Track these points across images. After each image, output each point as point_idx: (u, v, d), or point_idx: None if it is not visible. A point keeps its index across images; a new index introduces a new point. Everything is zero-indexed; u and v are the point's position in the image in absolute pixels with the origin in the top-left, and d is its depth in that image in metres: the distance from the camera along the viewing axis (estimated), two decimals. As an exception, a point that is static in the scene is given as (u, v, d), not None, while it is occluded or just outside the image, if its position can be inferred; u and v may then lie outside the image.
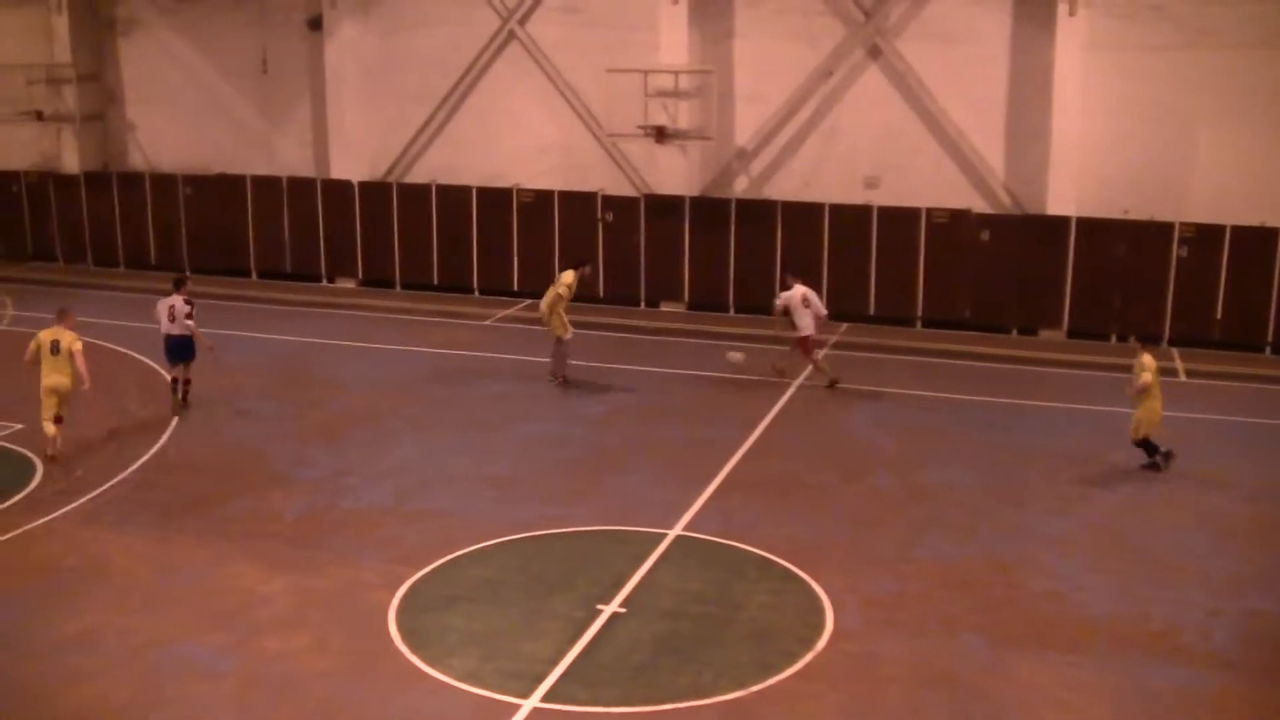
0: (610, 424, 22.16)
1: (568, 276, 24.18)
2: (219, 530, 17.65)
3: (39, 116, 34.79)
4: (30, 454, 20.56)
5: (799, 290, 23.83)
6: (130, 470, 19.95)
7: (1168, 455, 19.94)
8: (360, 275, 32.55)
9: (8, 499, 18.72)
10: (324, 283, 32.80)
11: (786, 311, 23.86)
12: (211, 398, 23.36)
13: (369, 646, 14.33)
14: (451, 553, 16.66)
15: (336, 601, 15.46)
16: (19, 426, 21.75)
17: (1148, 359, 19.78)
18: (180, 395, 22.88)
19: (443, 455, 20.48)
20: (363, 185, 32.27)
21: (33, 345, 20.36)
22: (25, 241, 35.98)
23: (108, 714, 13.19)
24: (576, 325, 25.55)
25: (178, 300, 22.75)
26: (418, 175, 32.42)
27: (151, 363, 25.51)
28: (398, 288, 32.00)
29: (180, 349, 22.81)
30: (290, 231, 33.04)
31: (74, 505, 18.59)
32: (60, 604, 15.58)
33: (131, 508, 18.55)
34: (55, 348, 20.18)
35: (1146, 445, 19.97)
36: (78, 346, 20.17)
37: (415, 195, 31.72)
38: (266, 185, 33.18)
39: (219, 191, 33.67)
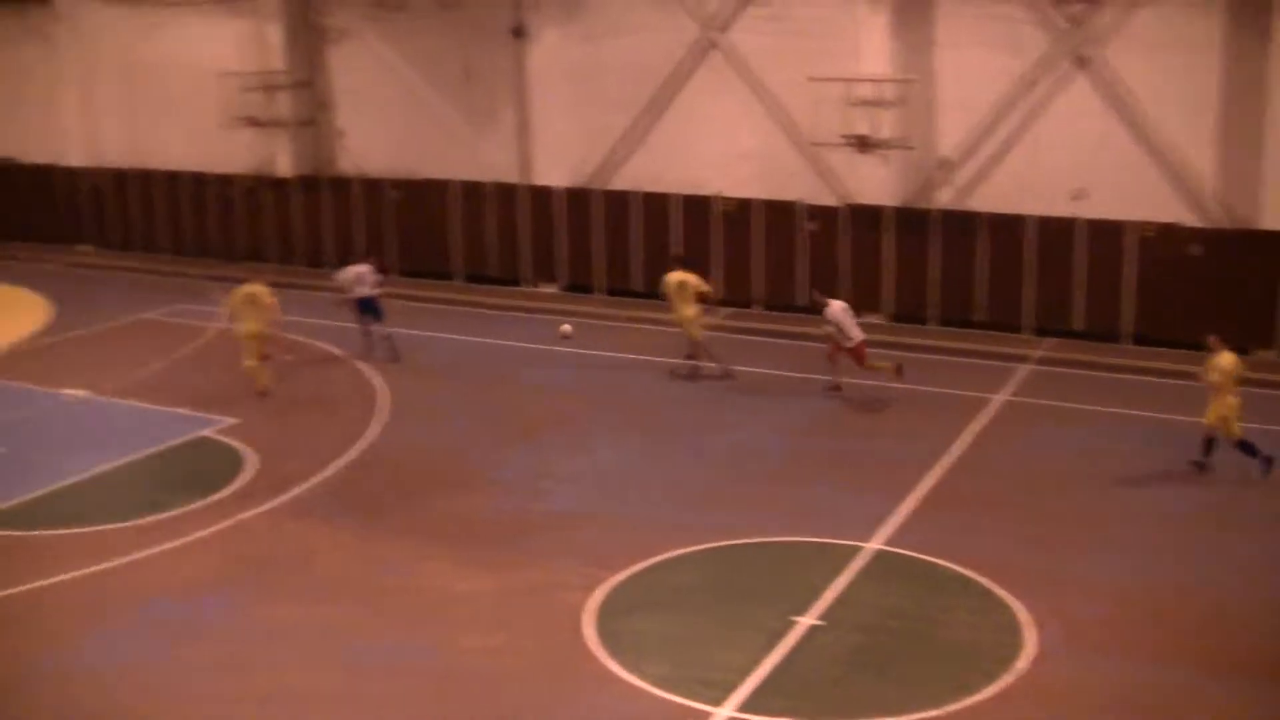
0: (809, 434, 22.00)
1: (691, 277, 25.03)
2: (421, 528, 18.03)
3: (255, 123, 35.89)
4: (244, 447, 21.24)
5: (837, 304, 23.94)
6: (338, 466, 20.49)
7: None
8: (563, 280, 32.88)
9: (221, 490, 19.39)
10: (527, 287, 33.20)
11: (839, 328, 23.74)
12: (414, 398, 23.84)
13: (564, 648, 14.49)
14: (648, 558, 16.74)
15: (533, 602, 15.66)
16: (233, 421, 22.48)
17: (1225, 358, 19.49)
18: (389, 348, 26.16)
19: (641, 461, 20.58)
20: (566, 191, 32.60)
21: (234, 298, 23.74)
22: (240, 243, 37.14)
23: (309, 699, 13.59)
24: (790, 337, 25.62)
25: (366, 268, 26.35)
26: (620, 182, 32.61)
27: (360, 363, 26.15)
28: (599, 293, 32.24)
29: (374, 308, 26.49)
30: (494, 236, 33.53)
31: (284, 498, 19.18)
32: (268, 592, 16.10)
33: (338, 503, 19.06)
34: (252, 299, 23.45)
35: (1243, 446, 19.52)
36: (270, 299, 23.77)
37: (617, 201, 31.94)
38: (471, 190, 33.71)
39: (425, 196, 34.31)
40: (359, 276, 26.54)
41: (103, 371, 25.29)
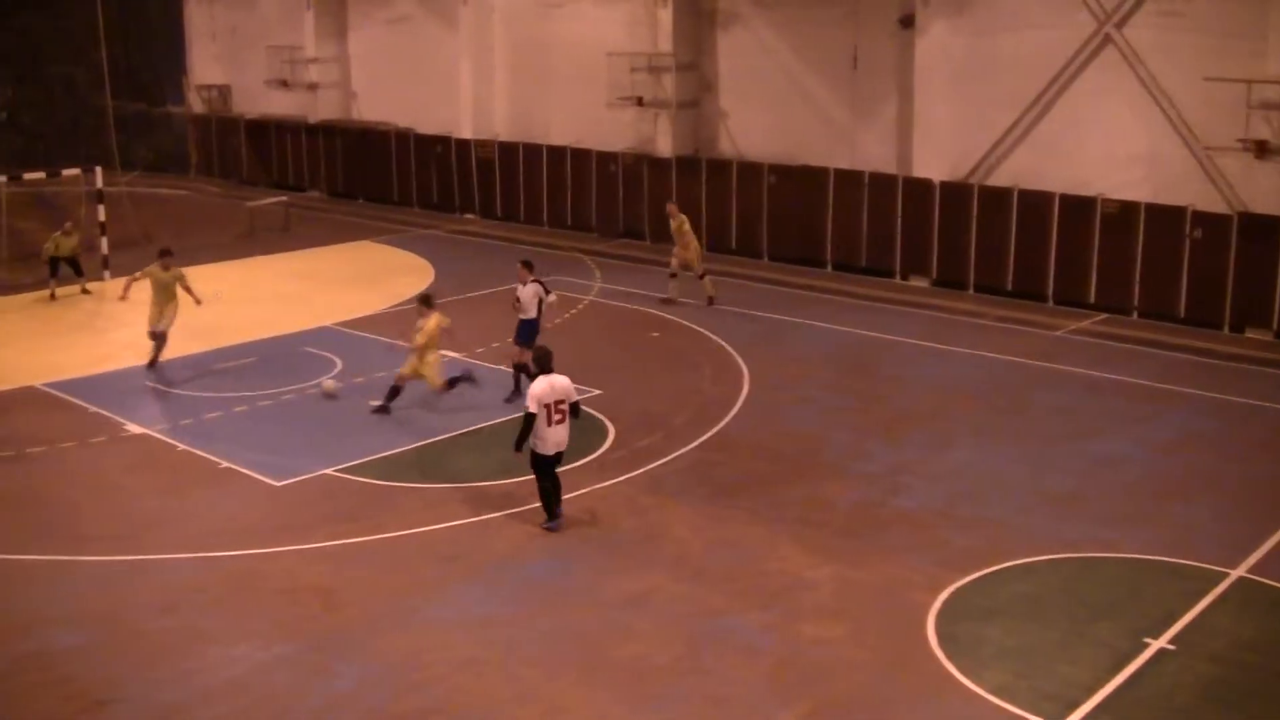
0: (1177, 450, 21.02)
1: None
2: (772, 513, 18.17)
3: (639, 102, 36.77)
4: (605, 419, 21.84)
5: None
6: (695, 444, 20.84)
7: None
8: (934, 274, 32.48)
9: (580, 459, 19.98)
10: (897, 279, 32.95)
11: None
12: (776, 383, 24.00)
13: (904, 646, 14.39)
14: (997, 563, 16.43)
15: (878, 597, 15.60)
16: (597, 392, 23.13)
17: None
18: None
19: (999, 464, 20.15)
20: (943, 185, 32.17)
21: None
22: (619, 219, 38.13)
23: (648, 672, 13.92)
24: (1167, 347, 25.27)
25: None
26: (999, 178, 31.94)
27: (726, 344, 26.50)
28: (970, 289, 31.70)
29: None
30: (868, 226, 33.39)
31: (639, 471, 19.65)
32: (618, 564, 16.55)
33: (692, 480, 19.39)
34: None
35: None
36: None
37: (995, 198, 31.29)
38: (848, 179, 33.64)
39: (801, 182, 34.44)
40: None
41: (476, 336, 26.42)
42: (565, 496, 17.97)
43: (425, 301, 22.80)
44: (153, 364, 24.83)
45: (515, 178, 40.66)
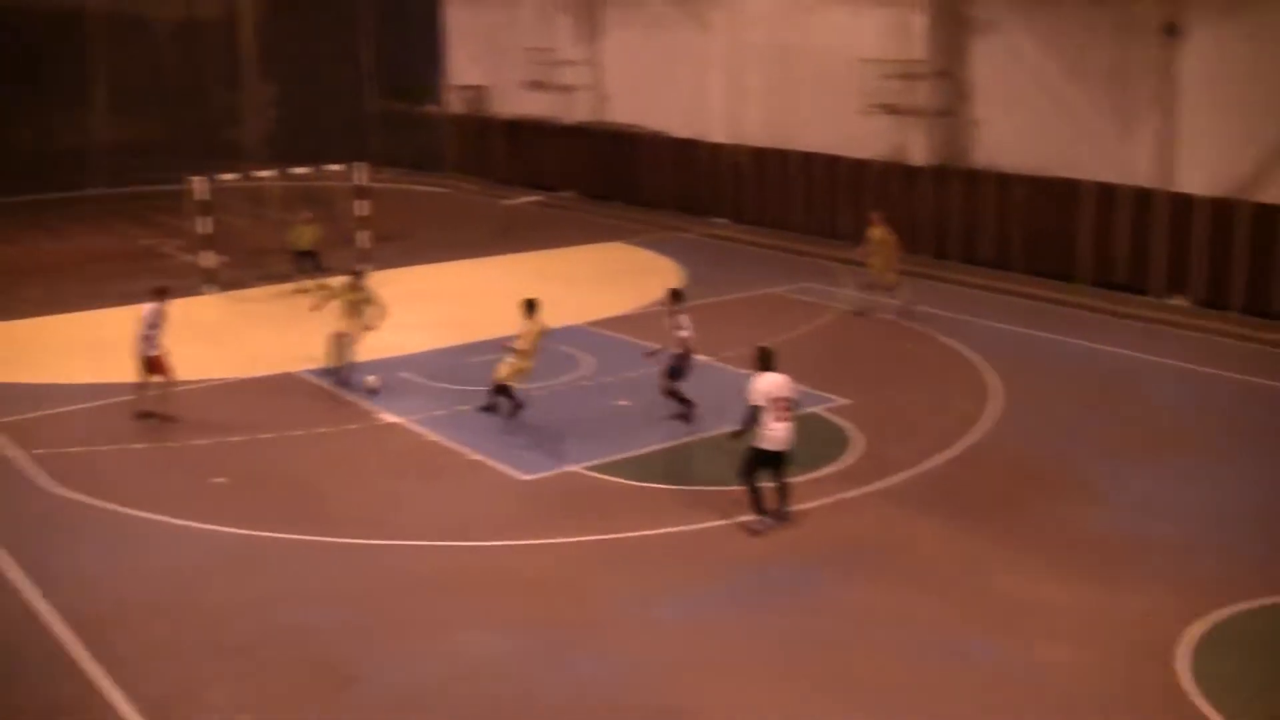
0: None
1: None
2: (1017, 532, 17.84)
3: (892, 110, 36.45)
4: (852, 428, 21.74)
5: None
6: (943, 459, 20.58)
7: None
8: (1197, 293, 31.40)
9: (825, 467, 19.93)
10: (1156, 297, 31.97)
11: None
12: (1028, 400, 23.51)
13: (1150, 679, 13.95)
14: (1256, 599, 15.81)
15: (1126, 627, 15.17)
16: (845, 401, 23.04)
17: None
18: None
19: (1263, 495, 19.20)
20: (1208, 200, 31.08)
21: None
22: (867, 226, 37.80)
23: (883, 686, 13.85)
24: None
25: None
26: (1273, 194, 30.69)
27: (978, 358, 26.12)
28: (1237, 311, 30.50)
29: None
30: (1126, 241, 32.49)
31: (884, 483, 19.49)
32: (860, 575, 16.47)
33: (939, 495, 19.16)
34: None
35: None
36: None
37: (1267, 215, 30.06)
38: (1105, 192, 32.76)
39: (1056, 194, 33.65)
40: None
41: (724, 340, 26.54)
42: (810, 505, 17.98)
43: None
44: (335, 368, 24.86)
45: (766, 182, 40.75)
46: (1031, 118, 35.03)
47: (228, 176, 34.34)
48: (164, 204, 43.33)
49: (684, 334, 22.13)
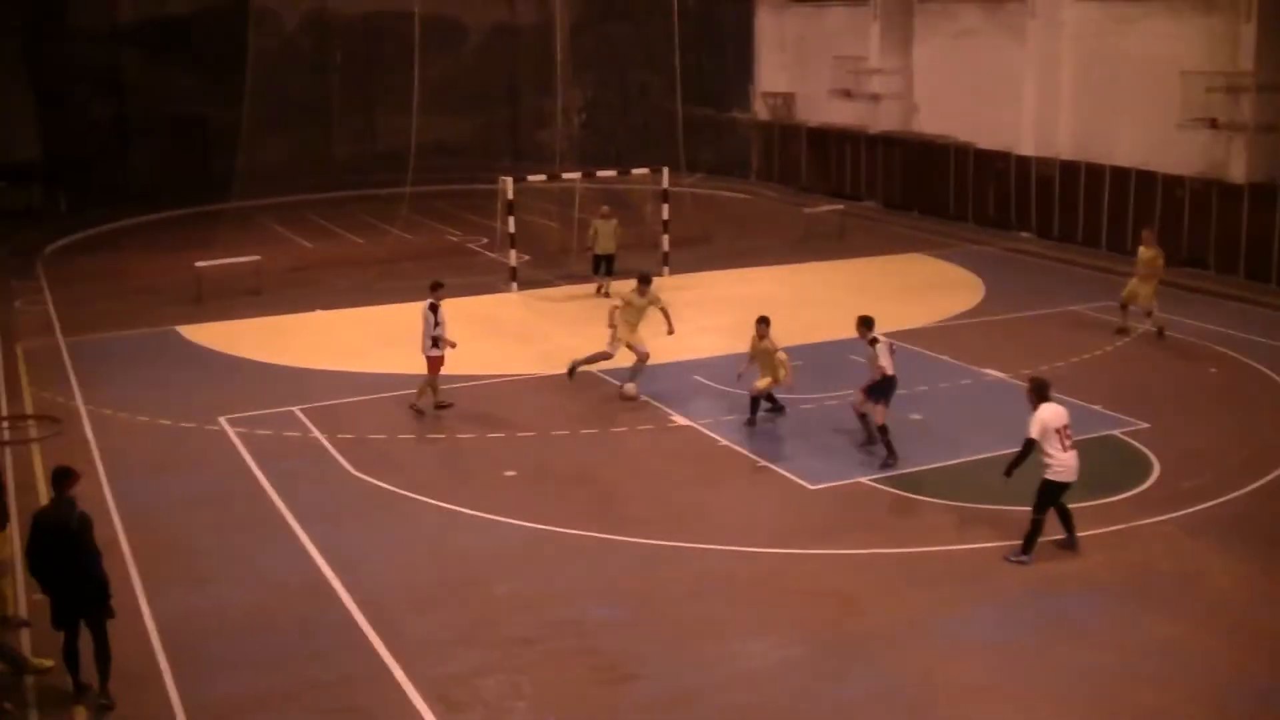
0: None
1: None
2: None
3: (1213, 124, 34.98)
4: (1150, 453, 21.00)
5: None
6: (1247, 490, 19.65)
7: None
8: None
9: (1120, 492, 19.33)
10: None
11: None
12: None
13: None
14: None
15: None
16: (1144, 425, 22.26)
17: None
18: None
19: None
20: None
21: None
22: (1182, 245, 36.38)
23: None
24: None
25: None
26: None
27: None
28: None
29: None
30: None
31: (1183, 512, 18.76)
32: (1150, 606, 15.93)
33: (1240, 528, 18.33)
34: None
35: None
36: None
37: None
38: None
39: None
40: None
41: (1021, 356, 25.99)
42: (1100, 531, 17.51)
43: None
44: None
45: (1075, 197, 39.60)
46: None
47: (535, 178, 35.30)
48: (474, 203, 44.94)
49: (882, 363, 20.82)
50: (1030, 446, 16.85)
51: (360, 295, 32.58)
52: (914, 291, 33.21)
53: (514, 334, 29.22)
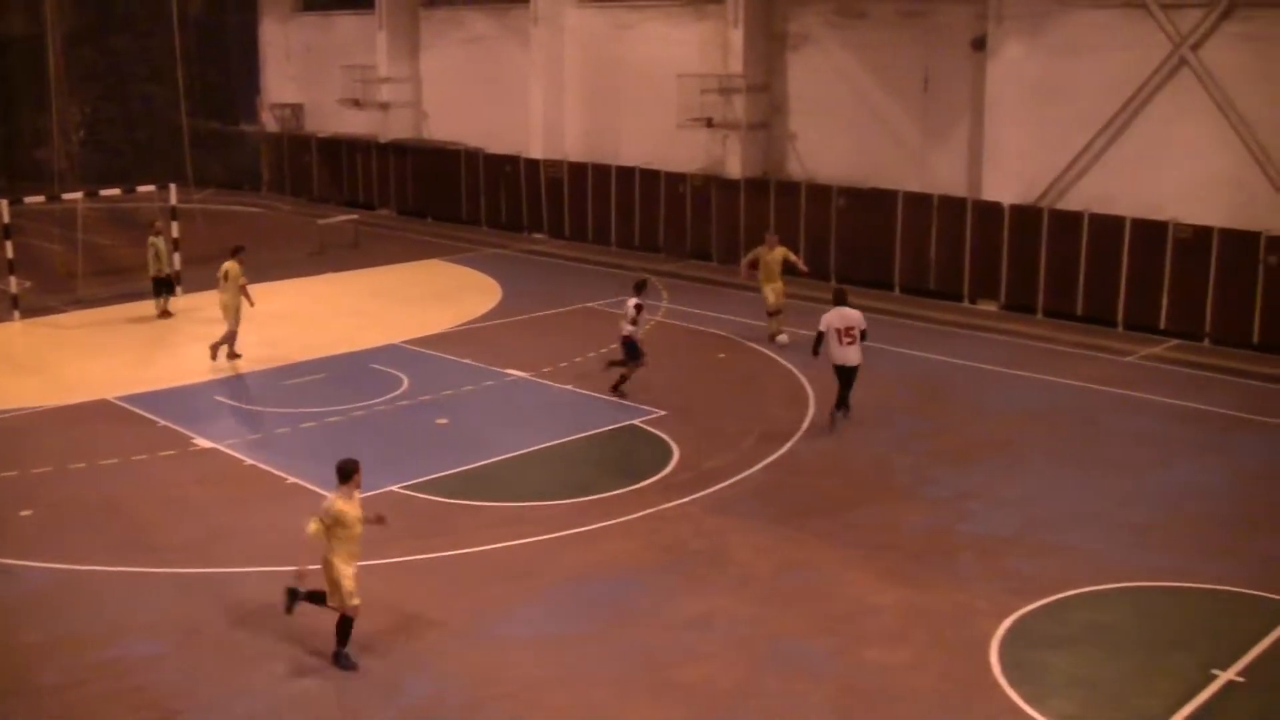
0: (1256, 481, 20.42)
1: None
2: (839, 536, 18.03)
3: (709, 124, 36.73)
4: (670, 440, 21.77)
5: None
6: (761, 466, 20.74)
7: None
8: (1003, 298, 32.18)
9: (645, 479, 19.94)
10: (966, 303, 32.67)
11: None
12: (853, 408, 23.73)
13: (968, 673, 14.22)
14: (1066, 591, 16.21)
15: (943, 623, 15.43)
16: (661, 413, 23.08)
17: None
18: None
19: (1072, 491, 19.84)
20: (1013, 208, 31.88)
21: None
22: (686, 239, 38.07)
23: (714, 695, 13.85)
24: (1242, 375, 24.27)
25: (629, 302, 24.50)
26: (1071, 202, 31.62)
27: (792, 366, 26.35)
28: (1040, 314, 31.34)
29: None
30: (937, 249, 33.16)
31: (705, 492, 19.57)
32: (684, 585, 16.48)
33: (759, 502, 19.30)
34: None
35: None
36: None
37: (1066, 222, 30.97)
38: (917, 202, 33.42)
39: (870, 205, 34.24)
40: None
41: (541, 355, 26.47)
42: (632, 516, 18.03)
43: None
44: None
45: (584, 198, 40.72)
46: (846, 130, 35.67)
47: (33, 199, 33.30)
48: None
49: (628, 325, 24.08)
50: (820, 336, 22.31)
51: None
52: (433, 297, 33.29)
53: (21, 365, 27.38)
